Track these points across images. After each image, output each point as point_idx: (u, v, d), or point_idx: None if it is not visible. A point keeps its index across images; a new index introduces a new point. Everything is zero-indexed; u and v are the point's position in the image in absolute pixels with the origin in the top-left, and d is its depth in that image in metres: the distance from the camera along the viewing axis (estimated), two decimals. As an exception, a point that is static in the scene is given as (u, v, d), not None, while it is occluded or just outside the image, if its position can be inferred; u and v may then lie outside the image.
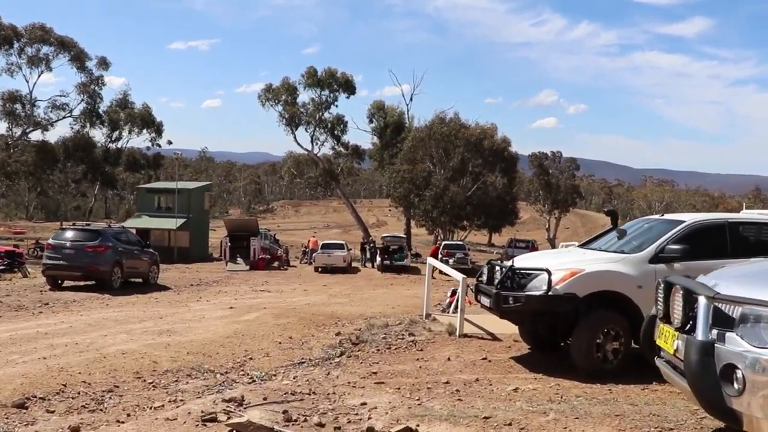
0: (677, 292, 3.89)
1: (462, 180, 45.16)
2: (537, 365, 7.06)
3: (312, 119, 50.56)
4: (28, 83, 50.00)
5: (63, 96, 50.65)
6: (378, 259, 32.54)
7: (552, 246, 56.01)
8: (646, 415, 5.01)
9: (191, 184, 45.06)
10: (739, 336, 3.42)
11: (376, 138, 51.54)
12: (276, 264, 32.81)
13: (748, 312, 3.44)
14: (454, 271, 11.31)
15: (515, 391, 5.95)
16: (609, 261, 6.92)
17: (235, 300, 15.80)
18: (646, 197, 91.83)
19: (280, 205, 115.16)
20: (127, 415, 5.45)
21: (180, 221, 36.84)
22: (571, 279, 6.58)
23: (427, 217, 45.58)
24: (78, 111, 51.05)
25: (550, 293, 6.51)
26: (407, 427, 4.70)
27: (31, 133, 50.98)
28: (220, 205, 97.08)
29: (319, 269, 30.10)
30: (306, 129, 51.34)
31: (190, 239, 37.35)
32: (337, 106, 51.16)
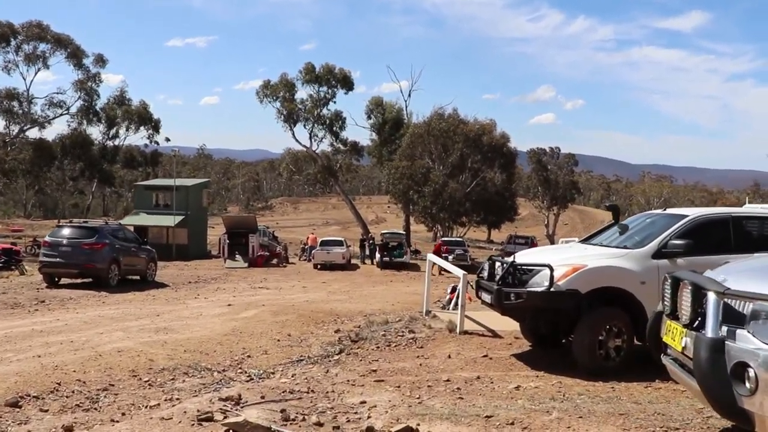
0: (685, 287, 3.78)
1: (461, 176, 45.08)
2: (538, 363, 6.98)
3: (310, 115, 50.42)
4: (25, 80, 50.01)
5: (60, 93, 50.70)
6: (377, 255, 32.47)
7: (551, 242, 55.93)
8: (651, 413, 4.91)
9: (189, 181, 44.87)
10: (750, 333, 3.31)
11: (374, 134, 51.51)
12: (275, 261, 32.72)
13: (760, 308, 3.33)
14: (454, 268, 11.25)
15: (517, 389, 5.86)
16: (611, 256, 6.83)
17: (234, 297, 15.70)
18: (645, 193, 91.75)
19: (278, 202, 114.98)
20: (121, 414, 5.36)
21: (178, 218, 36.71)
22: (574, 275, 6.49)
23: (426, 213, 45.50)
24: (75, 108, 51.15)
25: (552, 289, 6.43)
26: (408, 426, 4.60)
27: (29, 130, 51.00)
28: (219, 203, 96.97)
29: (318, 266, 29.99)
30: (304, 125, 51.28)
31: (189, 236, 37.21)
32: (335, 103, 51.16)
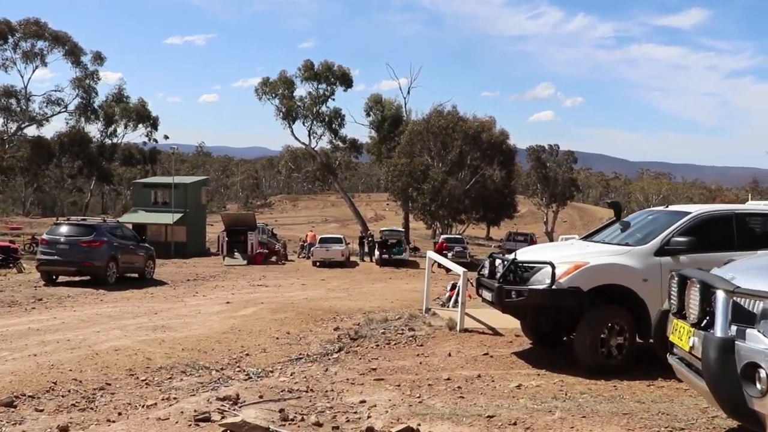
0: (693, 285, 3.69)
1: (460, 173, 45.03)
2: (539, 361, 6.90)
3: (309, 113, 50.30)
4: (22, 78, 49.98)
5: (58, 91, 50.60)
6: (376, 253, 32.42)
7: (550, 239, 55.87)
8: (655, 413, 4.83)
9: (188, 179, 44.72)
10: (761, 332, 3.23)
11: (373, 131, 51.42)
12: (274, 258, 32.66)
13: None
14: (455, 265, 11.18)
15: (518, 387, 5.79)
16: (613, 254, 6.75)
17: (232, 295, 15.63)
18: (644, 190, 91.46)
19: (277, 199, 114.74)
20: (118, 414, 5.30)
21: (177, 216, 36.58)
22: (576, 272, 6.41)
23: (425, 210, 45.44)
24: (73, 106, 51.07)
25: (553, 287, 6.35)
26: (408, 426, 4.52)
27: (27, 128, 50.92)
28: (218, 200, 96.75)
29: (317, 263, 29.92)
30: (303, 123, 51.17)
31: (187, 234, 37.08)
32: (334, 100, 51.11)
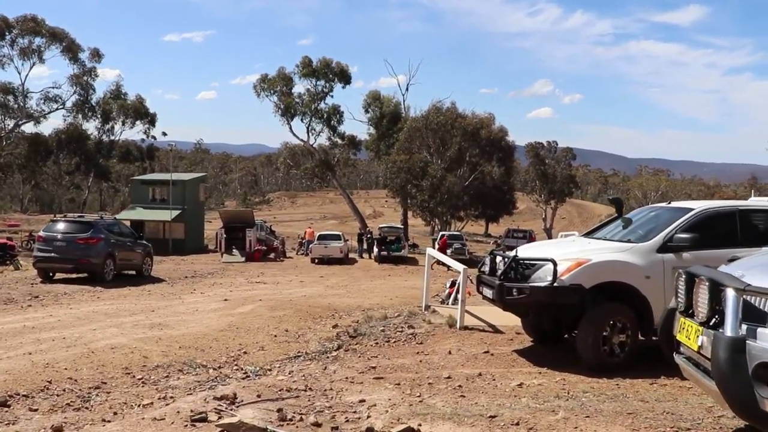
0: (702, 283, 3.60)
1: (459, 170, 44.92)
2: (541, 359, 6.83)
3: (308, 110, 50.09)
4: (20, 75, 49.58)
5: (55, 88, 50.24)
6: (375, 249, 32.35)
7: (548, 236, 55.78)
8: (660, 412, 4.75)
9: (186, 176, 44.62)
10: None
11: (372, 128, 51.30)
12: (272, 255, 32.56)
13: None
14: (454, 262, 11.10)
15: (520, 386, 5.71)
16: (616, 251, 6.68)
17: (230, 292, 15.54)
18: (642, 187, 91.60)
19: (276, 196, 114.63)
20: (113, 414, 5.21)
21: (175, 213, 36.47)
22: (578, 269, 6.33)
23: (424, 207, 45.35)
24: (71, 103, 50.68)
25: (555, 284, 6.27)
26: (409, 427, 4.43)
27: (24, 125, 50.62)
28: (216, 197, 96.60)
29: (316, 260, 29.83)
30: (302, 119, 50.94)
31: (186, 231, 36.98)
32: (332, 97, 50.85)
